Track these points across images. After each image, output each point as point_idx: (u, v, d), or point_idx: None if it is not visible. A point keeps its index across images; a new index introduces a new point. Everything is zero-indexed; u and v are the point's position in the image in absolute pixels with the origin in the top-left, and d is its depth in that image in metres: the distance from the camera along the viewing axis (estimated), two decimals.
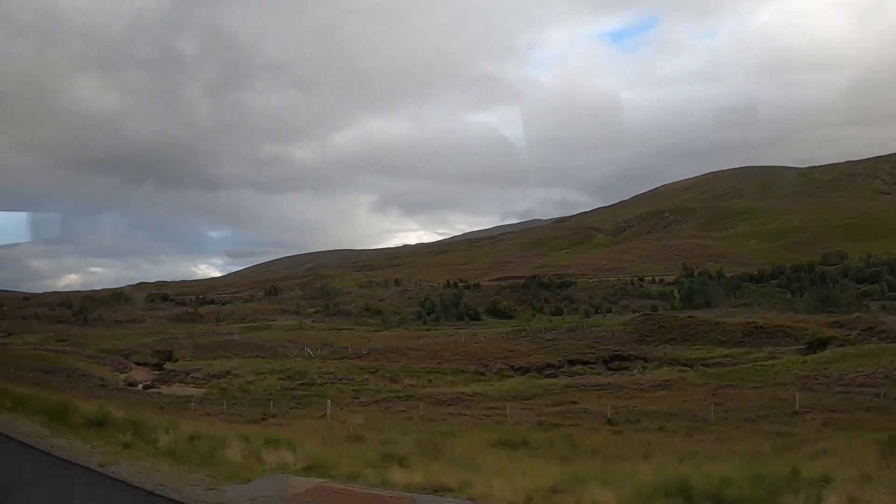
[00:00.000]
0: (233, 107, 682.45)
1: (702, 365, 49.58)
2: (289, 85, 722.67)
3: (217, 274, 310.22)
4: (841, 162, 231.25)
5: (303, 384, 45.42)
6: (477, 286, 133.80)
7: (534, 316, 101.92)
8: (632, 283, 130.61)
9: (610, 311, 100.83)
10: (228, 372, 47.85)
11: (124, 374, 51.82)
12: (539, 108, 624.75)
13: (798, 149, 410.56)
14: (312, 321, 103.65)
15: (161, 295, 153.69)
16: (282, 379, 46.09)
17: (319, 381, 46.07)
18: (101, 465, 9.22)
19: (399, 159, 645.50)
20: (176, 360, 58.49)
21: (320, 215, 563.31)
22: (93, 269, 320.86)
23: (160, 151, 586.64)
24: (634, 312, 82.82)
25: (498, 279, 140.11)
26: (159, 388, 44.82)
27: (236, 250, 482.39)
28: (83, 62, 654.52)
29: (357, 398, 40.10)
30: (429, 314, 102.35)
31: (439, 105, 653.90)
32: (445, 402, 37.96)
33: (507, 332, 68.31)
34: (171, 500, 7.22)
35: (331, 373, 47.99)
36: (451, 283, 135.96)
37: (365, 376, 48.52)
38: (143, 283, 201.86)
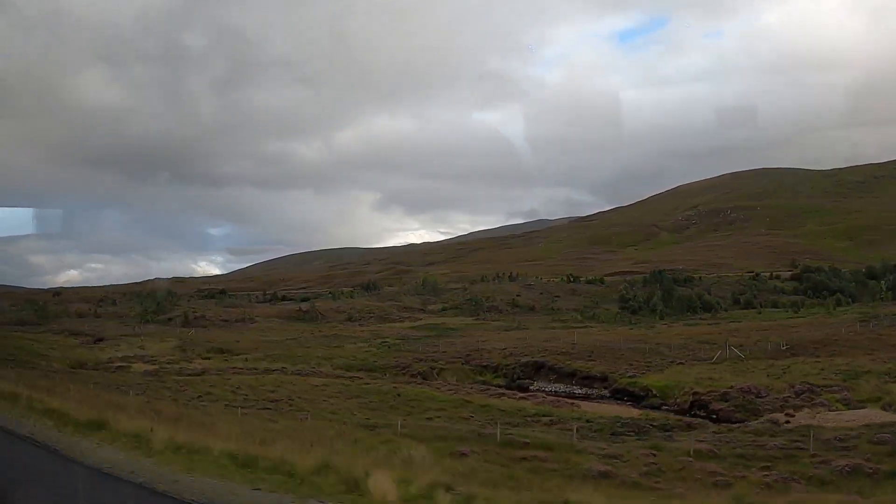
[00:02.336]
0: (238, 103, 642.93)
1: None
2: (294, 81, 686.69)
3: (217, 271, 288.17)
4: (864, 164, 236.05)
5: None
6: (601, 281, 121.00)
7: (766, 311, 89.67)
8: (756, 279, 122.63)
9: (803, 306, 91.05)
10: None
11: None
12: (544, 108, 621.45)
13: (805, 150, 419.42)
14: (477, 319, 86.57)
15: (216, 291, 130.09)
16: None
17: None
18: None
19: (402, 157, 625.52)
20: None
21: (322, 213, 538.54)
22: (93, 265, 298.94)
23: (164, 147, 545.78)
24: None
25: (613, 274, 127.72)
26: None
27: (238, 248, 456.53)
28: (89, 57, 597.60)
29: None
30: (627, 308, 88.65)
31: (444, 103, 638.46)
32: None
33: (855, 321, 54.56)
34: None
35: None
36: (570, 278, 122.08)
37: None
38: (158, 278, 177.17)
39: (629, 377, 39.25)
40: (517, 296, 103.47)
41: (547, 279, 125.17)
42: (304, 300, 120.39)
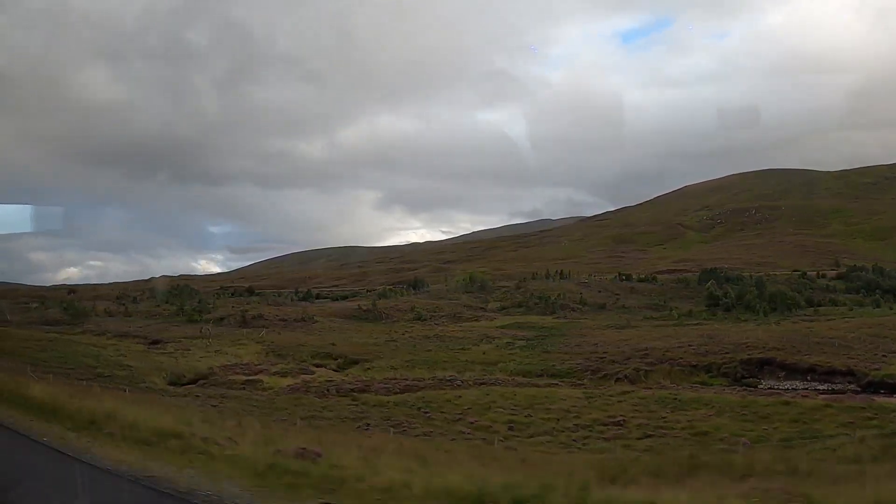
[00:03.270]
0: (240, 100, 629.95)
1: None
2: (298, 78, 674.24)
3: (218, 270, 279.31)
4: (872, 166, 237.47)
5: None
6: (654, 279, 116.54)
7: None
8: (804, 277, 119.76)
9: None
10: None
11: None
12: (547, 107, 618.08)
13: (807, 151, 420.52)
14: (559, 318, 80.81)
15: (247, 289, 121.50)
16: None
17: None
18: None
19: (404, 156, 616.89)
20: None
21: (324, 212, 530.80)
22: (92, 262, 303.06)
23: (166, 144, 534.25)
24: None
25: (662, 272, 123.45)
26: None
27: (239, 246, 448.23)
28: (91, 53, 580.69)
29: None
30: (721, 305, 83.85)
31: (447, 102, 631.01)
32: None
33: None
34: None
35: None
36: (623, 275, 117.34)
37: None
38: (165, 275, 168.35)
39: (875, 370, 34.03)
40: (582, 293, 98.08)
41: (596, 277, 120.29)
42: (342, 298, 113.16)
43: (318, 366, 47.18)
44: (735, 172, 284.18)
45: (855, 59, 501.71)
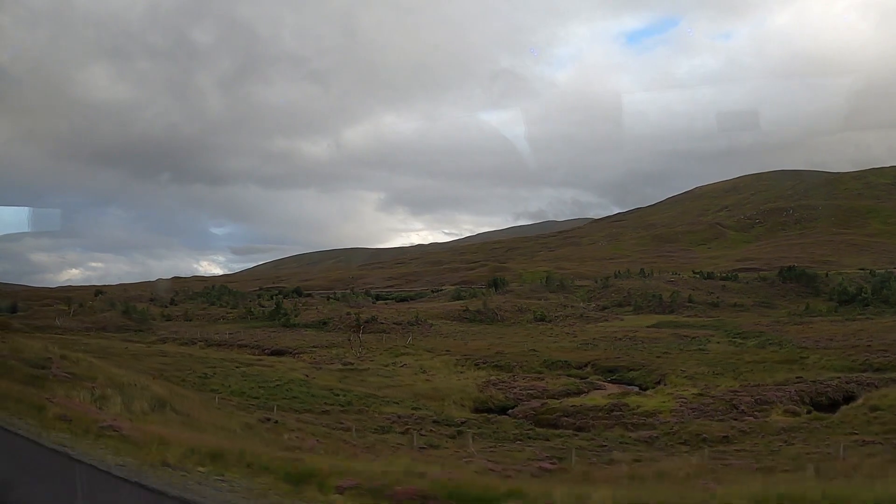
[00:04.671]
0: (244, 99, 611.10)
1: None
2: (303, 77, 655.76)
3: (219, 271, 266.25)
4: (888, 167, 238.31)
5: None
6: (735, 277, 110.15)
7: None
8: (874, 276, 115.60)
9: None
10: None
11: None
12: (552, 108, 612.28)
13: (812, 152, 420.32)
14: (687, 316, 72.91)
15: (304, 289, 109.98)
16: None
17: None
18: None
19: (408, 156, 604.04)
20: None
21: (326, 212, 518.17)
22: (94, 263, 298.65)
23: (169, 144, 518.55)
24: None
25: (738, 270, 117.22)
26: None
27: (240, 247, 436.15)
28: (94, 52, 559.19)
29: None
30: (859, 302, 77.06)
31: (452, 102, 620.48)
32: None
33: None
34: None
35: None
36: (705, 274, 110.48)
37: None
38: (178, 277, 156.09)
39: None
40: (681, 291, 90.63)
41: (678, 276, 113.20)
42: (408, 298, 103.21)
43: (581, 378, 37.68)
44: (743, 174, 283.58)
45: (859, 61, 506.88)
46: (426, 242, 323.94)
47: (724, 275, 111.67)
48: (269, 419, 20.27)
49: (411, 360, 43.00)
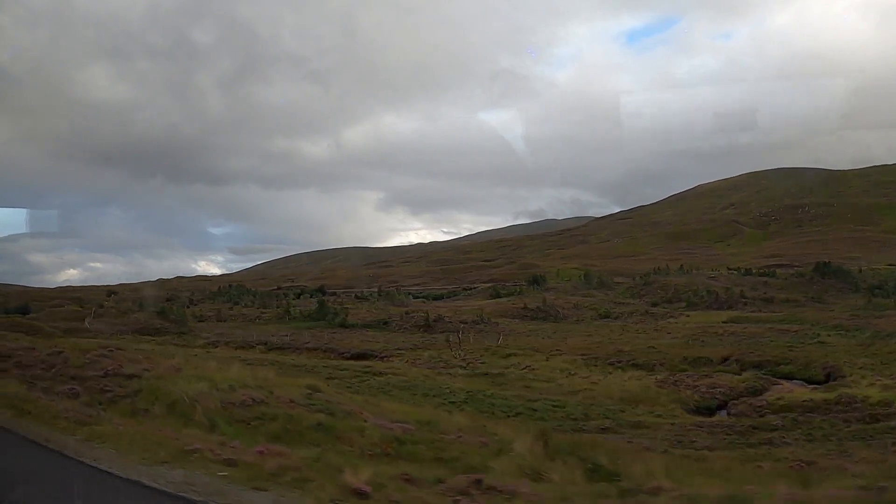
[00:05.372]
0: (244, 99, 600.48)
1: None
2: (303, 77, 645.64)
3: (217, 271, 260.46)
4: (890, 164, 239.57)
5: None
6: (773, 273, 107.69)
7: None
8: None
9: None
10: None
11: None
12: (552, 107, 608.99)
13: (811, 151, 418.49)
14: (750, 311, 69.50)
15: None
16: None
17: None
18: None
19: (408, 156, 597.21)
20: None
21: (325, 212, 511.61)
22: (93, 264, 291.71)
23: (168, 144, 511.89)
24: None
25: (770, 267, 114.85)
26: None
27: (239, 247, 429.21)
28: (94, 52, 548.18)
29: None
30: None
31: (451, 101, 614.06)
32: None
33: None
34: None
35: None
36: (745, 270, 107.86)
37: None
38: (181, 276, 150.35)
39: None
40: (739, 287, 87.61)
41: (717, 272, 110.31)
42: (444, 297, 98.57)
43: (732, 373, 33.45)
44: (742, 172, 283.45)
45: (859, 61, 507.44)
46: (426, 241, 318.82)
47: (762, 271, 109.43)
48: None
49: (528, 360, 38.58)
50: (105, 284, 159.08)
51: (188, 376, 10.55)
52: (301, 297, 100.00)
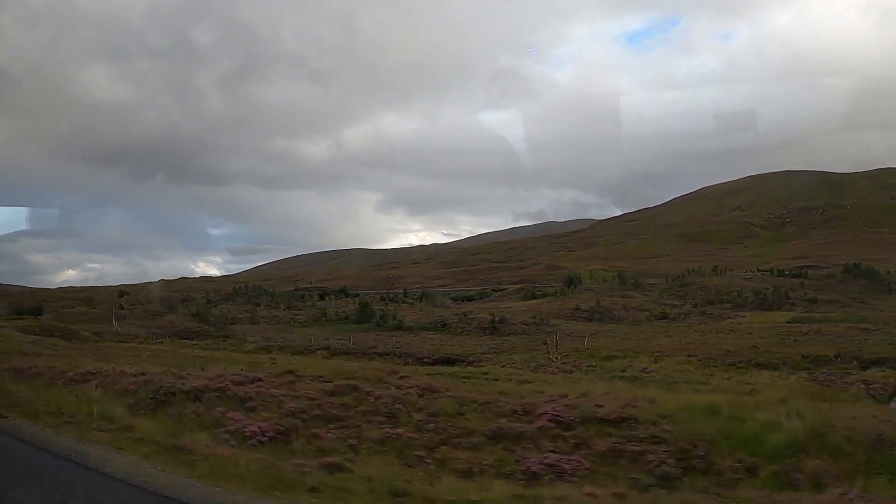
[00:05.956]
0: (244, 99, 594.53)
1: None
2: (303, 78, 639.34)
3: (216, 272, 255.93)
4: (890, 167, 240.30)
5: None
6: (805, 274, 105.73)
7: None
8: None
9: None
10: None
11: None
12: (552, 108, 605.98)
13: (812, 152, 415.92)
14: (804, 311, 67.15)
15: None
16: None
17: None
18: None
19: (407, 157, 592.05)
20: None
21: (324, 213, 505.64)
22: (91, 264, 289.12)
23: (168, 144, 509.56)
24: None
25: (801, 268, 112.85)
26: None
27: (238, 247, 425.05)
28: (93, 52, 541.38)
29: None
30: None
31: (451, 102, 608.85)
32: None
33: None
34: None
35: None
36: (776, 271, 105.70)
37: None
38: (185, 277, 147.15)
39: None
40: (790, 289, 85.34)
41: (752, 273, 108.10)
42: (470, 298, 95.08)
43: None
44: (742, 174, 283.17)
45: (859, 61, 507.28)
46: (426, 243, 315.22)
47: (794, 272, 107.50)
48: None
49: (635, 362, 35.27)
50: (106, 285, 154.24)
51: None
52: (325, 298, 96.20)
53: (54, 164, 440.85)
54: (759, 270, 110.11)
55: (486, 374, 29.11)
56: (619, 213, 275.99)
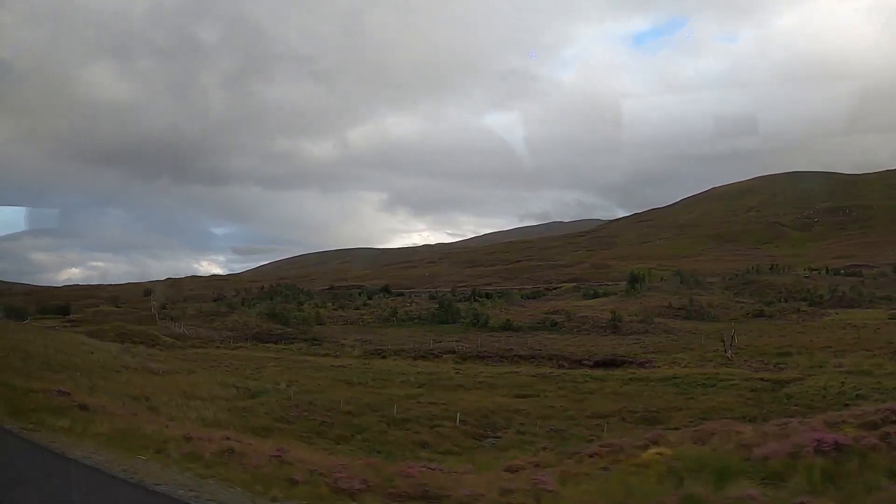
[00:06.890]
0: (247, 99, 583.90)
1: None
2: (306, 77, 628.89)
3: (219, 271, 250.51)
4: None
5: None
6: (859, 273, 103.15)
7: None
8: None
9: None
10: None
11: None
12: (557, 109, 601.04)
13: (816, 154, 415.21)
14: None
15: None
16: None
17: None
18: None
19: (410, 157, 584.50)
20: None
21: (327, 213, 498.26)
22: (94, 263, 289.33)
23: (170, 144, 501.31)
24: None
25: (850, 267, 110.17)
26: None
27: (241, 247, 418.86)
28: (95, 50, 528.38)
29: None
30: None
31: (456, 102, 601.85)
32: None
33: None
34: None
35: None
36: (834, 271, 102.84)
37: None
38: (194, 276, 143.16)
39: None
40: (850, 288, 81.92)
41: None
42: (533, 296, 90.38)
43: None
44: (746, 176, 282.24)
45: (863, 63, 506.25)
46: (432, 243, 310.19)
47: (850, 272, 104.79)
48: None
49: (812, 360, 31.05)
50: (109, 284, 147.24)
51: None
52: (372, 297, 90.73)
53: (56, 164, 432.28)
54: (812, 269, 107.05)
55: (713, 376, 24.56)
56: (624, 214, 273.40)
